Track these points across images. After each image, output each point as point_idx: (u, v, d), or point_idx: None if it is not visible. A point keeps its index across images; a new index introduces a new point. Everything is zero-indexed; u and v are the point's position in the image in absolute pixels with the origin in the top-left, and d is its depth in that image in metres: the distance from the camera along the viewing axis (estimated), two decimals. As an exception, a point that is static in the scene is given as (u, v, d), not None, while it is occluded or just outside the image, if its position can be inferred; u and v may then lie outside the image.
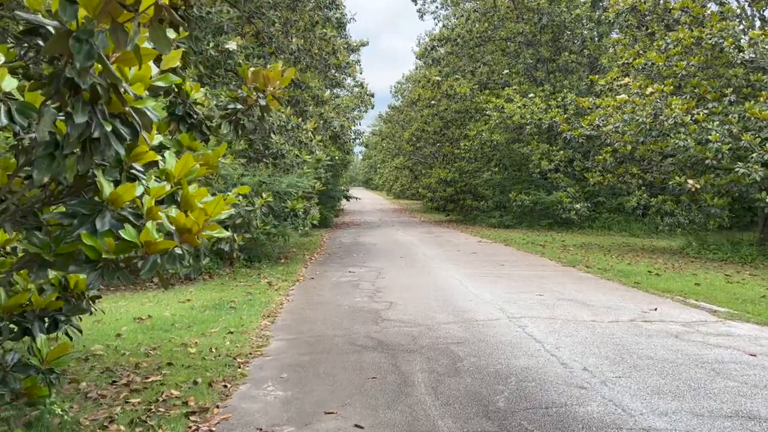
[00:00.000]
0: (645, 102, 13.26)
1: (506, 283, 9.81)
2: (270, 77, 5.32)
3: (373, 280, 10.30)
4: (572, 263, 12.54)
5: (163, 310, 7.82)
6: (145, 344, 6.03)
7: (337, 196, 28.19)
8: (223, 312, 7.64)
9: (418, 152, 34.05)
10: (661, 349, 5.69)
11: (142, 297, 9.12)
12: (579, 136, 16.36)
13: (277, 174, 12.29)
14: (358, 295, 8.87)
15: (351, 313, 7.54)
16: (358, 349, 5.78)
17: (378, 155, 61.79)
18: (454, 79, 26.79)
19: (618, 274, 11.01)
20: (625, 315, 7.33)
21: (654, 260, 13.54)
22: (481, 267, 11.84)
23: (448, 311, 7.52)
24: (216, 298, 8.62)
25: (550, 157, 22.93)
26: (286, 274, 11.16)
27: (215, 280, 10.69)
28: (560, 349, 5.67)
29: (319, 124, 16.52)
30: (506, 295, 8.60)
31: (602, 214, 24.24)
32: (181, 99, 5.04)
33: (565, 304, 8.02)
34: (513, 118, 22.44)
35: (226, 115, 5.19)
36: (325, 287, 9.74)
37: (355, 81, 28.72)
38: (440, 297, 8.52)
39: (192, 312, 7.68)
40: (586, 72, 25.73)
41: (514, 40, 25.96)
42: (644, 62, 14.52)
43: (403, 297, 8.59)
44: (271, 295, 8.85)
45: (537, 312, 7.43)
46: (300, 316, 7.49)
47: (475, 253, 14.44)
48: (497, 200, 25.89)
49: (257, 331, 6.59)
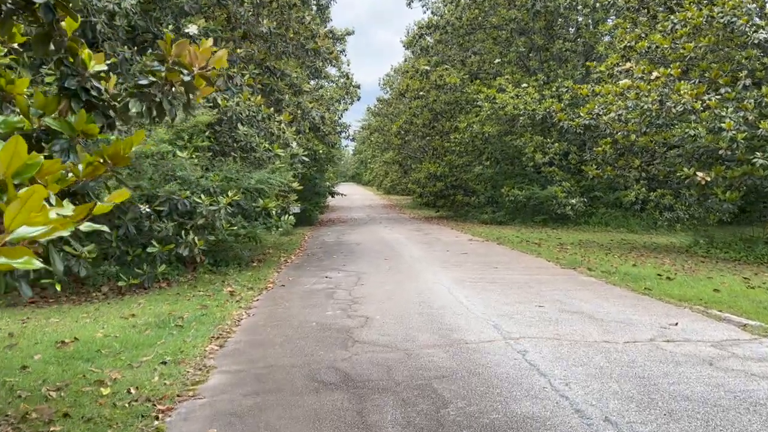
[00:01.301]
0: (650, 87, 12.12)
1: (501, 290, 8.64)
2: (197, 54, 4.15)
3: (351, 288, 9.11)
4: (572, 265, 11.41)
5: (96, 330, 6.61)
6: (53, 380, 4.82)
7: (322, 192, 26.95)
8: (166, 332, 6.43)
9: (406, 146, 32.85)
10: (697, 384, 4.54)
11: (82, 310, 7.90)
12: (577, 126, 15.23)
13: (246, 169, 11.06)
14: (331, 308, 7.67)
15: (318, 333, 6.35)
16: (318, 388, 4.59)
17: (368, 150, 60.60)
18: (444, 68, 25.58)
19: (624, 277, 9.87)
20: (642, 332, 6.18)
21: (660, 260, 12.42)
22: (473, 270, 10.68)
23: (433, 329, 6.35)
24: (165, 313, 7.40)
25: (544, 150, 21.80)
26: (253, 281, 9.95)
27: (173, 288, 9.47)
28: (571, 385, 4.51)
29: (297, 114, 15.29)
30: (501, 307, 7.43)
31: (599, 210, 23.16)
32: (74, 69, 3.84)
33: (570, 318, 6.86)
34: (505, 108, 21.28)
35: (136, 92, 4.00)
36: (295, 297, 8.54)
37: (341, 72, 27.51)
38: (425, 310, 7.34)
39: (130, 332, 6.47)
40: (581, 60, 24.59)
41: (506, 27, 24.78)
42: (648, 45, 13.38)
43: (382, 310, 7.40)
44: (229, 309, 7.64)
45: (538, 330, 6.27)
46: (256, 337, 6.30)
47: (466, 254, 13.28)
48: (489, 195, 24.74)
49: (198, 360, 5.39)
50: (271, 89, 14.35)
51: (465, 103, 25.50)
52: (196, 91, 4.04)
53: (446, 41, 26.70)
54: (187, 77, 3.93)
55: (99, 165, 3.70)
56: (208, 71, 4.14)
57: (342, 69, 28.35)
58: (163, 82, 3.93)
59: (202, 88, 4.21)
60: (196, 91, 4.03)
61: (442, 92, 25.83)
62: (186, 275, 10.36)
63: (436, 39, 26.76)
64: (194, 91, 4.03)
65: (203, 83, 4.18)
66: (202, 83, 4.17)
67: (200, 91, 4.17)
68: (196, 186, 10.03)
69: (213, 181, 10.24)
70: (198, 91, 4.03)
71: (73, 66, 3.68)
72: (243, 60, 12.32)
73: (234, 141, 11.22)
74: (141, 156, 8.82)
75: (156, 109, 3.93)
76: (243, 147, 11.27)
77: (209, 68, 4.14)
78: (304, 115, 15.60)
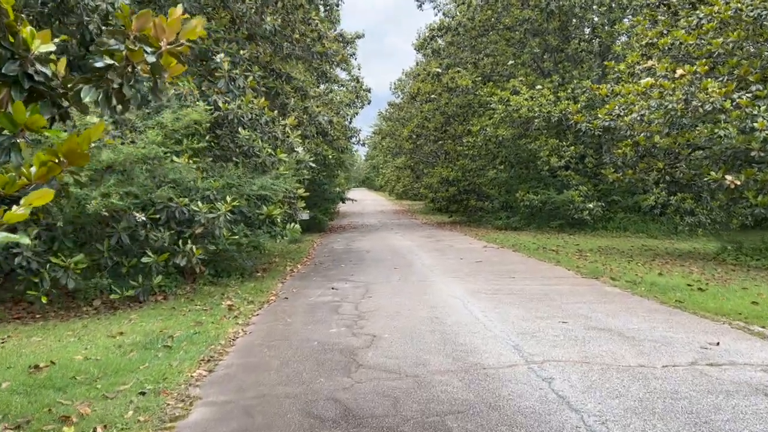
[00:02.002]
0: (675, 86, 11.42)
1: (519, 303, 8.00)
2: (165, 27, 3.57)
3: (358, 301, 8.51)
4: (594, 274, 10.72)
5: (78, 350, 6.05)
6: (14, 415, 4.25)
7: (332, 197, 26.39)
8: (152, 354, 5.85)
9: (418, 150, 32.25)
10: (756, 421, 3.88)
11: (68, 327, 7.36)
12: (595, 128, 14.55)
13: (248, 175, 10.50)
14: (335, 324, 7.07)
15: (319, 354, 5.75)
16: (314, 426, 3.98)
17: (379, 155, 60.08)
18: (456, 71, 24.96)
19: (652, 288, 9.19)
20: (680, 354, 5.51)
21: (687, 268, 11.70)
22: (488, 280, 10.03)
23: (447, 350, 5.72)
24: (155, 331, 6.83)
25: (559, 153, 21.11)
26: (255, 293, 9.37)
27: (169, 301, 8.91)
28: (609, 424, 3.86)
29: (303, 119, 14.74)
30: (521, 324, 6.79)
31: (617, 214, 22.39)
32: (14, 51, 3.27)
33: (598, 336, 6.21)
34: (520, 111, 20.63)
35: (90, 78, 3.42)
36: (298, 311, 7.95)
37: (351, 75, 27.00)
38: (437, 327, 6.71)
39: (114, 354, 5.90)
40: (597, 61, 23.88)
41: (519, 28, 24.12)
42: (671, 42, 12.68)
43: (390, 327, 6.78)
44: (225, 326, 7.06)
45: (564, 351, 5.62)
46: (250, 359, 5.70)
47: (481, 262, 12.63)
48: (503, 200, 24.07)
49: (182, 389, 4.80)
50: (276, 92, 13.81)
51: (478, 105, 24.87)
52: (164, 73, 3.46)
53: (458, 43, 26.08)
54: (151, 57, 3.35)
55: (54, 165, 3.15)
56: (179, 46, 3.56)
57: (352, 73, 27.84)
58: (124, 64, 3.34)
59: (171, 68, 3.62)
60: (164, 72, 3.45)
61: (454, 95, 25.22)
62: (184, 287, 9.81)
63: (448, 41, 26.16)
64: (162, 73, 3.45)
65: (173, 62, 3.60)
66: (172, 62, 3.58)
67: (170, 71, 3.59)
68: (196, 192, 9.49)
69: (213, 187, 9.69)
70: (166, 73, 3.45)
71: (12, 47, 3.11)
72: (247, 61, 11.78)
73: (236, 145, 10.67)
74: (132, 160, 8.27)
75: (115, 96, 3.34)
76: (246, 152, 10.72)
77: (180, 42, 3.56)
78: (310, 120, 15.04)
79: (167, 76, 3.67)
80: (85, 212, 8.15)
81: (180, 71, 3.76)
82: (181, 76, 11.08)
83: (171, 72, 3.71)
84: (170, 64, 3.65)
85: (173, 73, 3.75)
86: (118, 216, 8.64)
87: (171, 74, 3.73)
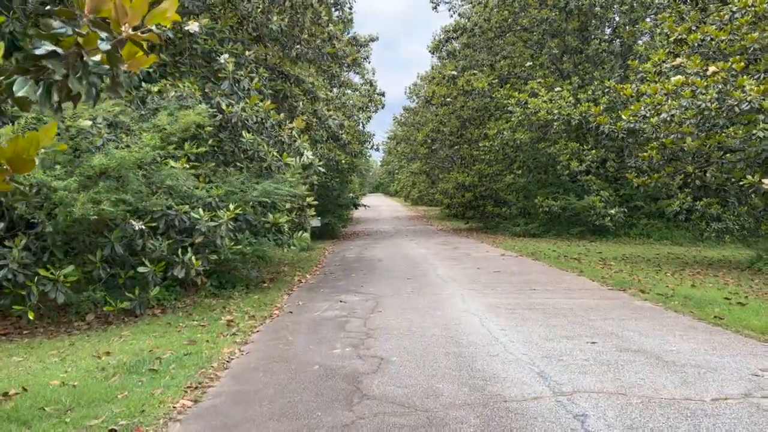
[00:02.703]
0: (707, 84, 10.69)
1: (542, 320, 7.33)
2: (127, 9, 2.99)
3: (367, 316, 7.89)
4: (621, 285, 10.02)
5: (56, 374, 5.50)
6: (-36, 459, 3.70)
7: (346, 204, 25.83)
8: (135, 379, 5.28)
9: (433, 155, 31.63)
10: (839, 478, 3.20)
11: (54, 345, 6.84)
12: (619, 130, 13.82)
13: (253, 180, 9.96)
14: (341, 344, 6.46)
15: (320, 381, 5.14)
16: (305, 476, 3.38)
17: (394, 161, 59.58)
18: (472, 73, 24.31)
19: (686, 302, 8.47)
20: (730, 383, 4.82)
21: (721, 279, 10.94)
22: (507, 293, 9.37)
23: (462, 378, 5.08)
24: (144, 350, 6.27)
25: (580, 158, 20.35)
26: (258, 307, 8.79)
27: (167, 315, 8.37)
28: (659, 480, 3.21)
29: (313, 122, 14.19)
30: (545, 344, 6.13)
31: (640, 221, 21.56)
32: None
33: (633, 360, 5.53)
34: (538, 114, 19.92)
35: (26, 67, 2.86)
36: (301, 328, 7.35)
37: (364, 79, 26.50)
38: (452, 348, 6.07)
39: (94, 378, 5.35)
40: (619, 62, 23.11)
41: (537, 29, 23.42)
42: (701, 38, 11.95)
43: (400, 348, 6.16)
44: (220, 345, 6.48)
45: (596, 380, 4.95)
46: (243, 386, 5.11)
47: (499, 272, 11.96)
48: (521, 206, 23.34)
49: (160, 424, 4.22)
50: (284, 95, 13.28)
51: (494, 109, 24.21)
52: (121, 64, 2.88)
53: (474, 45, 25.44)
54: (104, 44, 2.77)
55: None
56: (145, 32, 2.98)
57: (365, 76, 27.33)
58: (74, 51, 2.77)
59: (137, 59, 3.04)
60: (122, 63, 2.87)
61: (470, 98, 24.58)
62: (184, 300, 9.27)
63: (463, 43, 25.52)
64: (119, 64, 2.87)
65: (138, 51, 3.02)
66: (137, 52, 3.01)
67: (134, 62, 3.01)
68: (197, 200, 8.96)
69: (216, 194, 9.15)
70: (124, 64, 2.87)
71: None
72: (253, 63, 11.26)
73: (240, 150, 10.13)
74: (126, 165, 7.75)
75: (57, 90, 2.75)
76: (251, 156, 10.17)
77: (148, 28, 2.98)
78: (320, 123, 14.49)
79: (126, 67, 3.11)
80: (78, 221, 7.64)
81: (148, 62, 3.19)
82: (183, 77, 10.61)
83: (137, 64, 3.15)
84: (135, 54, 3.10)
85: (140, 65, 3.18)
86: (113, 224, 8.13)
87: (136, 66, 3.16)
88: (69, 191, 7.30)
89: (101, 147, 7.94)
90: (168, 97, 9.33)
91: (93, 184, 7.85)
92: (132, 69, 3.16)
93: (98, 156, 7.59)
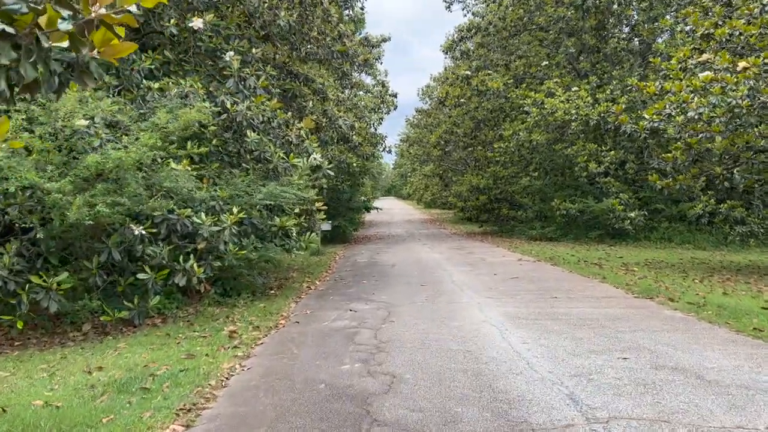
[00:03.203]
0: (737, 80, 10.11)
1: (567, 332, 6.80)
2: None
3: (378, 327, 7.41)
4: (647, 293, 9.45)
5: (41, 392, 5.07)
6: None
7: (357, 207, 25.36)
8: (125, 399, 4.83)
9: (447, 157, 31.11)
10: None
11: (45, 358, 6.42)
12: (641, 130, 13.24)
13: (259, 182, 9.52)
14: (349, 358, 5.98)
15: (325, 403, 4.66)
16: None
17: (407, 164, 59.14)
18: (486, 73, 23.77)
19: (720, 312, 7.89)
20: (786, 409, 4.28)
21: (754, 286, 10.33)
22: (527, 301, 8.84)
23: (483, 400, 4.57)
24: (139, 365, 5.83)
25: (598, 159, 19.73)
26: (263, 316, 8.34)
27: (168, 325, 7.94)
28: None
29: (323, 122, 13.74)
30: (573, 361, 5.60)
31: (661, 224, 20.89)
32: None
33: (671, 379, 5.00)
34: (555, 114, 19.35)
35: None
36: (308, 340, 6.88)
37: (376, 80, 26.06)
38: (471, 365, 5.57)
39: (81, 398, 4.91)
40: (638, 61, 22.46)
41: (554, 27, 22.85)
42: (729, 32, 11.37)
43: (414, 364, 5.66)
44: (220, 360, 6.02)
45: (633, 403, 4.43)
46: (240, 408, 4.64)
47: (517, 278, 11.42)
48: (537, 209, 22.76)
49: (145, 456, 3.76)
50: (293, 95, 12.85)
51: (510, 109, 23.66)
52: (85, 48, 2.42)
53: (488, 44, 24.91)
54: (66, 24, 2.31)
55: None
56: (118, 13, 2.53)
57: (378, 77, 26.89)
58: (28, 31, 2.32)
59: (110, 47, 2.59)
60: (85, 48, 2.41)
61: (484, 99, 24.05)
62: (187, 308, 8.84)
63: (477, 42, 24.99)
64: (83, 48, 2.41)
65: (110, 36, 2.57)
66: (110, 37, 2.55)
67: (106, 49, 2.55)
68: (200, 203, 8.53)
69: (220, 197, 8.72)
70: (85, 48, 2.41)
71: None
72: (259, 61, 10.83)
73: (245, 150, 9.70)
74: (122, 167, 7.32)
75: (4, 78, 2.29)
76: (257, 157, 9.74)
77: (121, 8, 2.52)
78: (330, 123, 14.04)
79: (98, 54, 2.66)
80: (74, 226, 7.23)
81: (125, 51, 2.74)
82: (187, 75, 10.19)
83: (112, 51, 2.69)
84: (110, 40, 2.65)
85: (116, 53, 2.73)
86: (111, 229, 7.72)
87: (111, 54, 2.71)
88: (63, 194, 6.89)
89: (98, 148, 7.53)
90: (170, 95, 8.92)
91: (89, 186, 7.44)
92: (106, 57, 2.72)
93: (92, 155, 7.17)
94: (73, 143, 7.56)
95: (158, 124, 7.92)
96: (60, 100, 7.48)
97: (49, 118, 7.47)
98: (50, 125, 7.50)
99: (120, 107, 8.08)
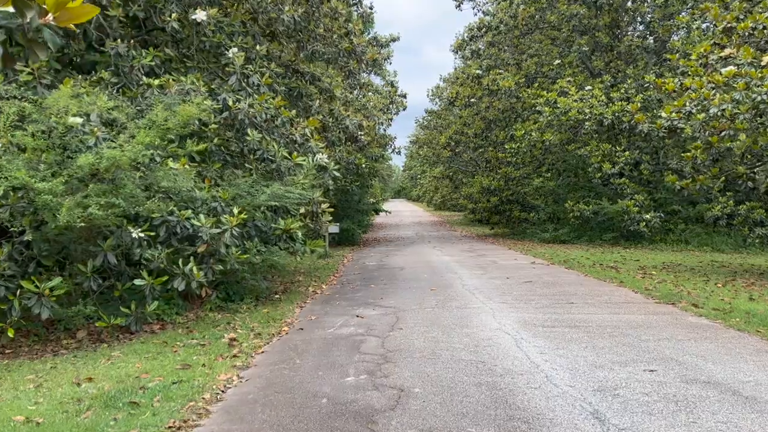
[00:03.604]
0: (762, 75, 9.65)
1: (587, 340, 6.39)
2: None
3: (385, 335, 7.02)
4: (668, 299, 9.01)
5: (25, 406, 4.73)
6: None
7: (366, 209, 24.97)
8: (110, 415, 4.48)
9: (457, 159, 30.69)
10: None
11: (34, 368, 6.08)
12: (659, 129, 12.77)
13: (262, 183, 9.17)
14: (354, 369, 5.60)
15: (327, 421, 4.28)
16: None
17: (417, 165, 58.75)
18: (497, 72, 23.34)
19: (749, 319, 7.44)
20: (837, 430, 3.86)
21: (780, 291, 9.85)
22: (543, 307, 8.43)
23: (499, 418, 4.18)
24: (130, 377, 5.48)
25: (612, 159, 19.23)
26: (266, 323, 7.98)
27: (166, 332, 7.59)
28: None
29: (329, 122, 13.39)
30: (595, 373, 5.19)
31: (677, 226, 20.36)
32: None
33: (704, 394, 4.58)
34: (568, 113, 18.87)
35: None
36: (311, 349, 6.50)
37: (386, 80, 25.70)
38: (484, 377, 5.17)
39: (65, 413, 4.56)
40: (653, 59, 21.95)
41: (566, 25, 22.39)
42: (752, 26, 10.90)
43: (424, 376, 5.27)
44: (217, 370, 5.66)
45: (665, 422, 4.02)
46: (236, 426, 4.26)
47: (531, 282, 11.00)
48: (550, 211, 22.29)
49: (125, 483, 3.40)
50: (299, 93, 12.51)
51: (521, 109, 23.21)
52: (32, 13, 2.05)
53: (499, 43, 24.48)
54: None
55: None
56: None
57: (387, 78, 26.51)
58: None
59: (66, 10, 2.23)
60: (31, 11, 2.05)
61: (495, 98, 23.62)
62: (187, 314, 8.49)
63: (488, 41, 24.57)
64: (28, 12, 2.05)
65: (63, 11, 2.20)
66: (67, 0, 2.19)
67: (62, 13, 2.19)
68: (202, 204, 8.18)
69: (222, 198, 8.38)
70: (35, 14, 2.05)
71: None
72: (263, 58, 10.49)
73: (248, 149, 9.35)
74: (118, 166, 6.99)
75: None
76: (259, 157, 9.40)
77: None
78: (337, 123, 13.68)
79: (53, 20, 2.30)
80: (68, 228, 6.91)
81: (85, 16, 2.39)
82: (188, 72, 9.86)
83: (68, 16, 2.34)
84: (65, 3, 2.29)
85: (74, 18, 2.37)
86: (107, 232, 7.39)
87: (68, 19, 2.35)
88: (54, 195, 6.56)
89: (93, 147, 7.20)
90: (170, 92, 8.59)
91: (83, 187, 7.11)
92: (62, 23, 2.36)
93: (85, 155, 6.84)
94: (67, 141, 7.24)
95: (155, 121, 7.57)
96: (53, 95, 7.17)
97: (42, 115, 7.14)
98: (43, 122, 7.17)
99: (117, 104, 7.74)
